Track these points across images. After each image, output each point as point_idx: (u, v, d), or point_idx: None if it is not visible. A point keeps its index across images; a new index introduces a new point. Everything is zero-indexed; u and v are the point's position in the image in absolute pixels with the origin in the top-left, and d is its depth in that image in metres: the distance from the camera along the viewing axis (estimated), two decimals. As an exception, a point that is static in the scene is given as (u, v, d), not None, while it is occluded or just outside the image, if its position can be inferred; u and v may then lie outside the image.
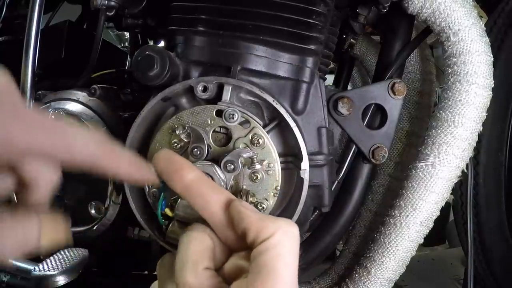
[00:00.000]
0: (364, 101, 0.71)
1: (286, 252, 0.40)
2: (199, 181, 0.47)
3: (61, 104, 0.75)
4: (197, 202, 0.46)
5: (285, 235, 0.41)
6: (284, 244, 0.40)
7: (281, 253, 0.40)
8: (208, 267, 0.42)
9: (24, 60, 0.71)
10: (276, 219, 0.43)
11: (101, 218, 0.72)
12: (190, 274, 0.41)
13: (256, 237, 0.41)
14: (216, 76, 0.60)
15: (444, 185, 0.66)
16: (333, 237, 0.76)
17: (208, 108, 0.58)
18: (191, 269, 0.41)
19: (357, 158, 0.75)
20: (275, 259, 0.39)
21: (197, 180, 0.46)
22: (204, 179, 0.47)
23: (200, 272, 0.41)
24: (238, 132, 0.58)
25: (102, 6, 0.76)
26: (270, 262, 0.39)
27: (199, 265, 0.42)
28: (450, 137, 0.65)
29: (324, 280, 0.86)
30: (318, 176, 0.65)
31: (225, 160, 0.56)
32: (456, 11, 0.64)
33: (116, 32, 2.11)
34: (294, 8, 0.62)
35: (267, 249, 0.40)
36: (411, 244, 0.69)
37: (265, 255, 0.40)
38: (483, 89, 0.65)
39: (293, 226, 0.42)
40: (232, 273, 0.44)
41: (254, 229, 0.42)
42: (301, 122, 0.64)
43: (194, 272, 0.41)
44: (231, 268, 0.44)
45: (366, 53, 0.99)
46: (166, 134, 0.59)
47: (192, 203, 0.47)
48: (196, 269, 0.41)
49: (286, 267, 0.39)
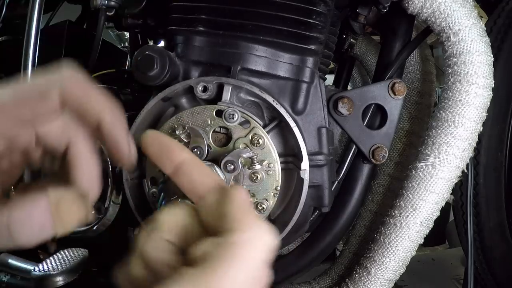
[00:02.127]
0: (364, 101, 0.71)
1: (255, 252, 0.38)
2: (190, 162, 0.46)
3: (61, 104, 0.74)
4: (185, 183, 0.45)
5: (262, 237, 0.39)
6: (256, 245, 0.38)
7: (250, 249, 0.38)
8: (171, 241, 0.40)
9: (24, 60, 0.71)
10: (263, 222, 0.41)
11: (101, 218, 0.72)
12: (150, 242, 0.40)
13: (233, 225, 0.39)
14: (216, 76, 0.60)
15: (444, 185, 0.66)
16: (333, 237, 0.76)
17: (208, 108, 0.58)
18: (153, 237, 0.40)
19: (357, 158, 0.75)
20: (241, 250, 0.37)
21: (188, 161, 0.46)
22: (194, 160, 0.46)
23: (160, 242, 0.40)
24: (238, 132, 0.58)
25: (102, 6, 0.76)
26: (234, 251, 0.37)
27: (162, 236, 0.40)
28: (450, 137, 0.65)
29: (324, 280, 0.86)
30: (318, 176, 0.65)
31: (225, 160, 0.56)
32: (456, 11, 0.64)
33: (116, 32, 2.11)
34: (294, 8, 0.62)
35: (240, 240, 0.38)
36: (411, 244, 0.69)
37: (234, 244, 0.37)
38: (483, 89, 0.65)
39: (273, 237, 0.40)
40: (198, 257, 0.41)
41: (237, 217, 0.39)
42: (301, 122, 0.64)
43: (154, 240, 0.40)
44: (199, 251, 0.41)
45: (366, 53, 0.99)
46: (166, 134, 0.59)
47: (180, 185, 0.45)
48: (157, 239, 0.40)
49: (246, 263, 0.37)
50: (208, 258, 0.37)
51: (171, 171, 0.46)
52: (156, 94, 0.61)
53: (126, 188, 0.62)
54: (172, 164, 0.45)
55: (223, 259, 0.36)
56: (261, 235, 0.39)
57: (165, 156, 0.46)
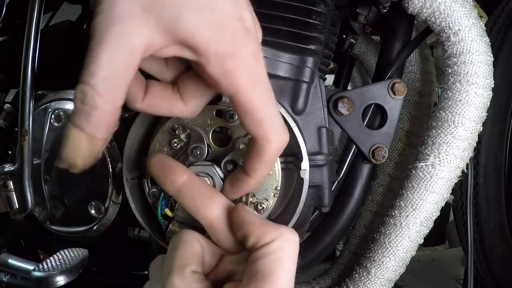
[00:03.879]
0: (364, 101, 0.71)
1: (285, 258, 0.41)
2: (190, 185, 0.47)
3: (61, 104, 0.74)
4: (189, 205, 0.47)
5: (287, 242, 0.41)
6: (284, 250, 0.41)
7: (281, 258, 0.40)
8: (195, 270, 0.42)
9: (24, 60, 0.71)
10: (279, 226, 0.43)
11: (101, 218, 0.72)
12: (177, 277, 0.41)
13: (257, 241, 0.42)
14: (216, 76, 0.60)
15: (444, 185, 0.66)
16: (333, 237, 0.76)
17: (208, 108, 0.58)
18: (178, 272, 0.41)
19: (357, 158, 0.75)
20: (274, 264, 0.40)
21: (188, 184, 0.47)
22: (195, 182, 0.48)
23: (187, 275, 0.41)
24: (238, 132, 0.58)
25: (102, 6, 0.76)
26: (268, 266, 0.40)
27: (187, 268, 0.42)
28: (450, 137, 0.65)
29: (324, 280, 0.86)
30: (318, 176, 0.65)
31: (225, 160, 0.56)
32: (456, 11, 0.64)
33: (116, 32, 2.11)
34: (294, 8, 0.62)
35: (267, 254, 0.40)
36: (411, 244, 0.69)
37: (264, 259, 0.40)
38: (483, 89, 0.65)
39: (294, 234, 0.43)
40: (222, 276, 0.44)
41: (256, 233, 0.42)
42: (301, 122, 0.64)
43: (181, 275, 0.41)
44: (222, 271, 0.45)
45: (366, 53, 0.99)
46: (166, 134, 0.59)
47: (185, 206, 0.47)
48: (183, 272, 0.41)
49: (284, 273, 0.40)
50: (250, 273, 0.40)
51: (173, 192, 0.47)
52: (156, 94, 0.60)
53: (126, 188, 0.62)
54: (174, 186, 0.47)
55: (268, 271, 0.39)
56: (285, 239, 0.42)
57: (168, 178, 0.47)
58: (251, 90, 0.42)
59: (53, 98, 0.76)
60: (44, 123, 0.73)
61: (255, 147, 0.45)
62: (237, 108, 0.43)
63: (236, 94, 0.42)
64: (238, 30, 0.41)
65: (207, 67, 0.41)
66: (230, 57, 0.40)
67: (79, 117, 0.38)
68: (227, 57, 0.40)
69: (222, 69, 0.41)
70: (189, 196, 0.47)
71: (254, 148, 0.45)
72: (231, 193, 0.51)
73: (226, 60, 0.40)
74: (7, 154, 0.84)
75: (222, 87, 0.42)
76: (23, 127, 0.69)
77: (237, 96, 0.42)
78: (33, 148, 0.70)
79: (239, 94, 0.42)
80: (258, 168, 0.46)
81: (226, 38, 0.40)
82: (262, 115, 0.43)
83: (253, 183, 0.48)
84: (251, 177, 0.47)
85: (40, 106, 0.75)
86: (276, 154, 0.46)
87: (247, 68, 0.42)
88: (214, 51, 0.40)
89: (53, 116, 0.73)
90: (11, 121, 0.83)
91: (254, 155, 0.45)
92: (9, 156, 0.82)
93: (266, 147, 0.44)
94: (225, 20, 0.40)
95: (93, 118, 0.38)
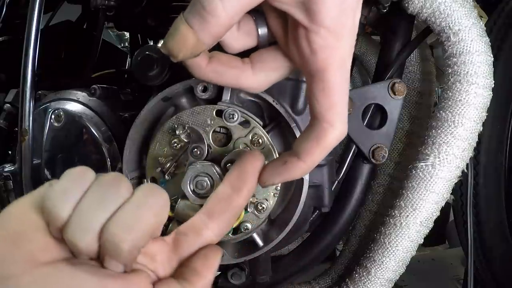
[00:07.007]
0: (364, 101, 0.71)
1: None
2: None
3: (61, 104, 0.75)
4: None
5: None
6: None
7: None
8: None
9: (24, 60, 0.71)
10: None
11: (101, 218, 0.72)
12: None
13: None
14: (216, 76, 0.60)
15: (444, 185, 0.66)
16: (333, 237, 0.76)
17: (208, 108, 0.58)
18: None
19: (357, 158, 0.75)
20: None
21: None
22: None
23: None
24: (238, 132, 0.58)
25: (102, 6, 0.76)
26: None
27: None
28: (450, 137, 0.65)
29: (324, 280, 0.86)
30: (318, 176, 0.65)
31: (225, 160, 0.56)
32: (456, 11, 0.64)
33: (116, 32, 2.11)
34: (294, 8, 0.61)
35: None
36: (411, 244, 0.69)
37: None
38: (483, 89, 0.65)
39: None
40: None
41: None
42: (301, 122, 0.64)
43: None
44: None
45: (366, 53, 0.99)
46: (166, 134, 0.59)
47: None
48: None
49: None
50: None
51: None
52: (156, 94, 0.60)
53: (126, 188, 0.62)
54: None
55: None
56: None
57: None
58: (339, 71, 0.42)
59: (53, 98, 0.76)
60: (44, 123, 0.73)
61: (316, 131, 0.44)
62: (317, 85, 0.42)
63: (324, 71, 0.41)
64: (350, 7, 0.41)
65: (311, 36, 0.40)
66: (336, 34, 0.40)
67: (195, 18, 0.38)
68: (335, 32, 0.40)
69: (326, 42, 0.40)
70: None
71: (314, 131, 0.44)
72: (273, 177, 0.47)
73: (333, 34, 0.40)
74: (7, 154, 0.84)
75: (313, 61, 0.41)
76: (23, 127, 0.69)
77: (324, 74, 0.41)
78: (33, 148, 0.70)
79: (327, 72, 0.41)
80: (313, 152, 0.44)
81: (342, 15, 0.40)
82: (337, 99, 0.42)
83: (303, 167, 0.45)
84: (303, 160, 0.45)
85: (40, 106, 0.75)
86: (334, 144, 0.44)
87: (347, 47, 0.41)
88: (329, 24, 0.40)
89: (53, 116, 0.73)
90: (11, 121, 0.84)
91: (313, 137, 0.44)
92: (9, 156, 0.82)
93: (329, 132, 0.43)
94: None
95: (208, 25, 0.38)
